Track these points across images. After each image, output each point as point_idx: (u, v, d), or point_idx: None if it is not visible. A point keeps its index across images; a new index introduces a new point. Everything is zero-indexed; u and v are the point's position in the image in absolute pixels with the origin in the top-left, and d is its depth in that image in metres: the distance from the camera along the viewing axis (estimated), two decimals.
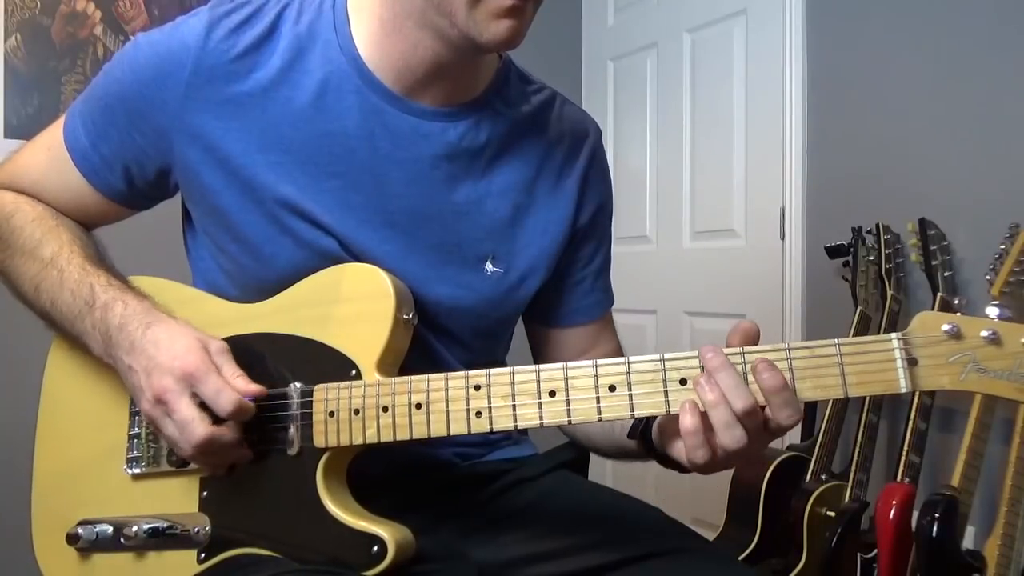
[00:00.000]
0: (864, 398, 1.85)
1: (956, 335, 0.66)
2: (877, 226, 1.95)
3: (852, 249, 2.00)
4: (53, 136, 0.92)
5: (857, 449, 1.82)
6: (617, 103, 2.94)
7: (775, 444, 2.14)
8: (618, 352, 1.04)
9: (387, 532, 0.76)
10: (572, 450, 1.02)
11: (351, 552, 0.77)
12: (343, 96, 0.85)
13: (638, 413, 0.72)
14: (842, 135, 2.20)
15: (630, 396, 0.72)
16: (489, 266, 0.90)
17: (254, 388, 0.79)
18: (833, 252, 2.06)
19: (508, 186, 0.91)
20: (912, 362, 0.67)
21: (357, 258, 0.85)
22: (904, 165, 2.04)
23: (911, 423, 1.74)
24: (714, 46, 2.56)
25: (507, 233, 0.91)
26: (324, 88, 0.85)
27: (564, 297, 1.00)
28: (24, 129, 2.11)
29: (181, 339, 0.79)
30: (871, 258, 1.95)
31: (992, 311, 0.67)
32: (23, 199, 0.94)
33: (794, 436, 2.17)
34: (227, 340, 0.83)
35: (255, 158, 0.84)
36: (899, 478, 1.70)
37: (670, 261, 2.71)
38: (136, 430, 0.89)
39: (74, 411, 0.94)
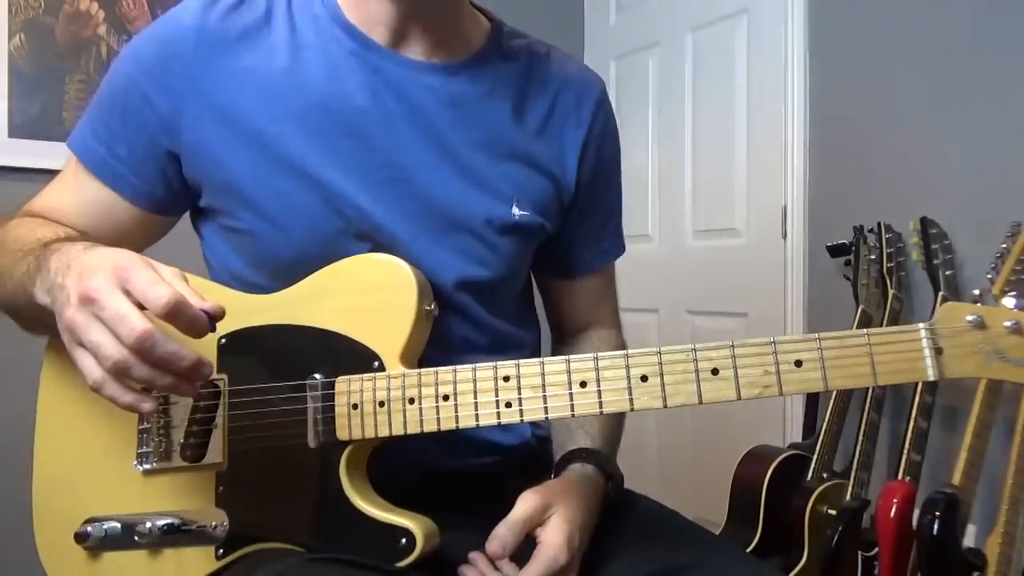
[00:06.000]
0: (866, 396, 1.86)
1: (980, 325, 0.69)
2: (879, 225, 1.96)
3: (854, 248, 2.00)
4: (65, 167, 0.92)
5: (858, 448, 1.82)
6: (619, 102, 2.94)
7: (776, 443, 2.15)
8: (616, 316, 1.08)
9: (414, 524, 0.76)
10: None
11: (378, 545, 0.76)
12: (342, 60, 0.88)
13: (671, 404, 0.73)
14: (844, 134, 2.20)
15: (662, 386, 0.73)
16: (516, 209, 0.91)
17: (211, 304, 0.69)
18: (835, 251, 2.06)
19: (514, 135, 0.92)
20: (938, 351, 0.70)
21: (374, 217, 0.85)
22: (905, 164, 2.04)
23: (912, 422, 1.74)
24: (716, 45, 2.56)
25: (522, 180, 0.92)
26: (324, 58, 0.87)
27: (576, 245, 1.02)
28: (28, 129, 2.11)
29: (123, 251, 0.72)
30: (872, 257, 1.95)
31: (1009, 301, 0.70)
32: (39, 218, 0.92)
33: (796, 434, 2.18)
34: (244, 331, 0.82)
35: (265, 126, 0.85)
36: (900, 476, 1.71)
37: (672, 260, 2.71)
38: (146, 424, 0.87)
39: (77, 408, 0.91)
